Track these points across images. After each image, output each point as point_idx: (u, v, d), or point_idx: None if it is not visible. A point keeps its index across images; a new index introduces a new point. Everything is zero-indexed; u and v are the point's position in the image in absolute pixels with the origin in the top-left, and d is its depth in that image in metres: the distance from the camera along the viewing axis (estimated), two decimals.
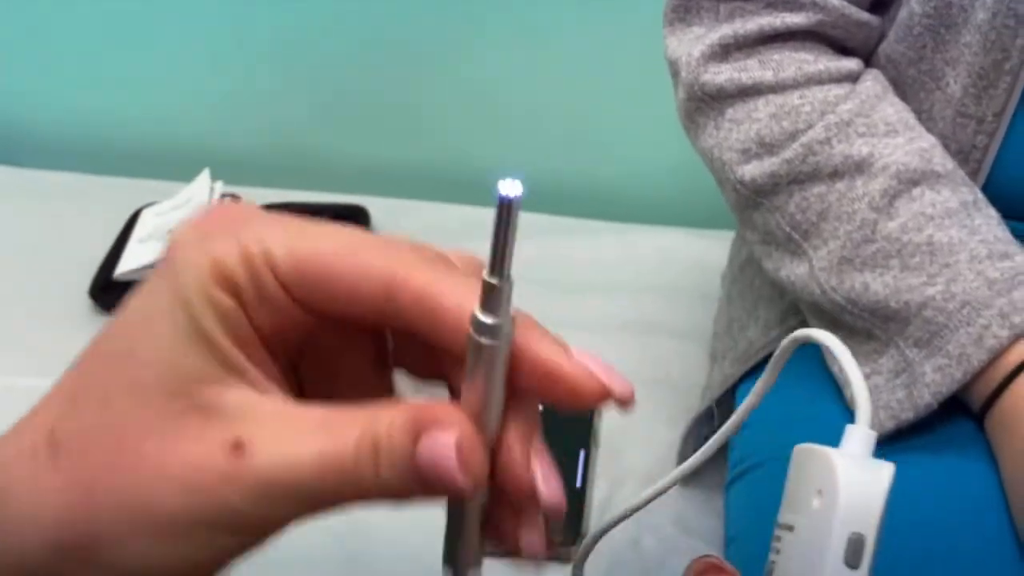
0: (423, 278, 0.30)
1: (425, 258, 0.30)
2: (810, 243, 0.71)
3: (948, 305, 0.65)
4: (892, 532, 0.64)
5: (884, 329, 0.69)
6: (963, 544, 0.64)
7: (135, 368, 0.29)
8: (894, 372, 0.68)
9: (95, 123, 1.42)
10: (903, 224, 0.68)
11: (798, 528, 0.25)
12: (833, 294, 0.70)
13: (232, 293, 0.29)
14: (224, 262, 0.29)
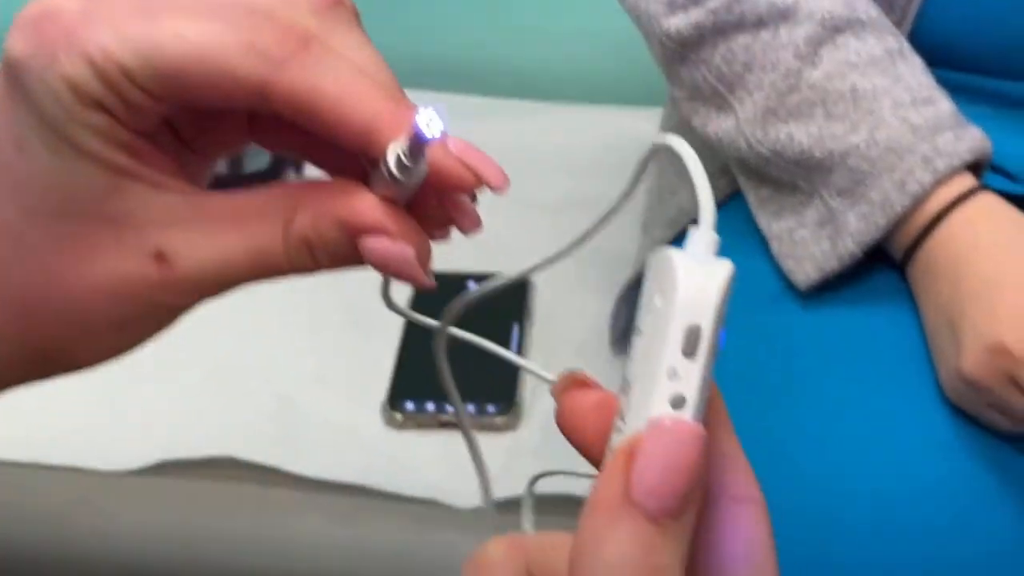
0: (298, 83, 0.29)
1: (293, 52, 0.29)
2: (735, 96, 0.71)
3: (871, 152, 0.65)
4: (817, 378, 0.66)
5: (808, 180, 0.69)
6: (887, 391, 0.65)
7: (27, 200, 0.30)
8: (819, 223, 0.68)
9: None
10: (827, 72, 0.67)
11: (644, 328, 0.26)
12: (759, 146, 0.70)
13: (99, 109, 0.29)
14: (80, 84, 0.28)
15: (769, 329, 0.70)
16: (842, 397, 0.65)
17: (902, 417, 0.64)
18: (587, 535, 0.25)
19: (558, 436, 0.87)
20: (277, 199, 0.30)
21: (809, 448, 0.63)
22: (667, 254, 0.27)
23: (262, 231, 0.30)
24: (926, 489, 0.61)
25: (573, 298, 0.97)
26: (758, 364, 0.69)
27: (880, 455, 0.62)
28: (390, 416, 0.86)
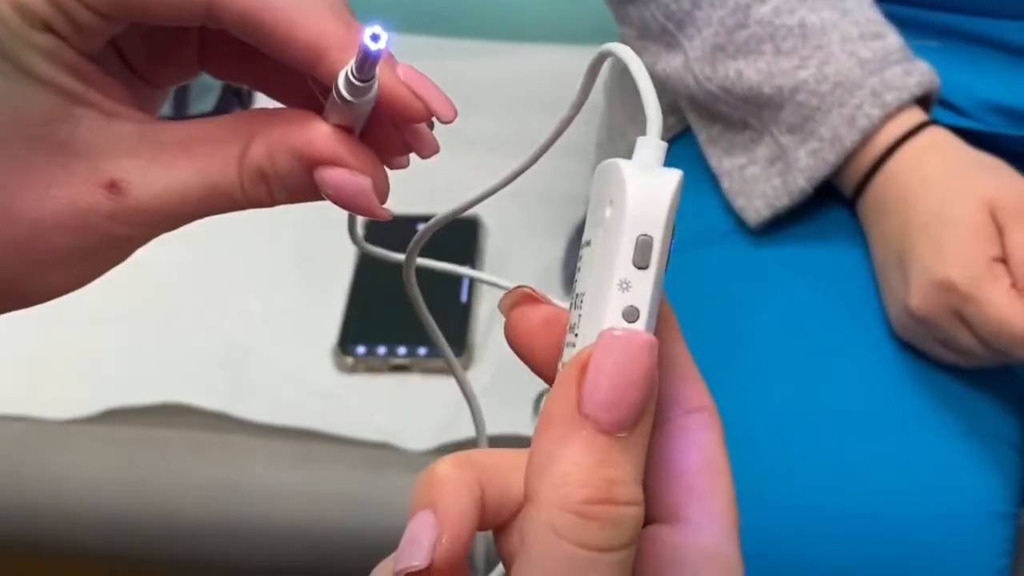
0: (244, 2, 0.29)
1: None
2: (684, 33, 0.70)
3: (820, 87, 0.65)
4: (768, 315, 0.66)
5: (759, 117, 0.68)
6: (836, 326, 0.65)
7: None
8: (769, 160, 0.68)
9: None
10: (776, 7, 0.67)
11: (594, 241, 0.26)
12: (708, 83, 0.69)
13: (46, 30, 0.28)
14: (27, 5, 0.28)
15: (719, 266, 0.70)
16: (791, 332, 0.66)
17: (851, 351, 0.64)
18: (541, 451, 0.25)
19: (510, 378, 0.88)
20: (232, 128, 0.30)
21: (758, 383, 0.64)
22: (615, 164, 0.26)
23: (216, 161, 0.30)
24: (873, 422, 0.62)
25: (524, 240, 0.97)
26: (708, 301, 0.69)
27: (828, 388, 0.63)
28: (341, 360, 0.86)
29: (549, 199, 1.01)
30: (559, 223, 0.97)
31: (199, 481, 0.80)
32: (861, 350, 0.64)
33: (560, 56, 1.19)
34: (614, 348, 0.25)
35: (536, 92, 1.14)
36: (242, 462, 0.81)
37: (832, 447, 0.61)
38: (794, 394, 0.63)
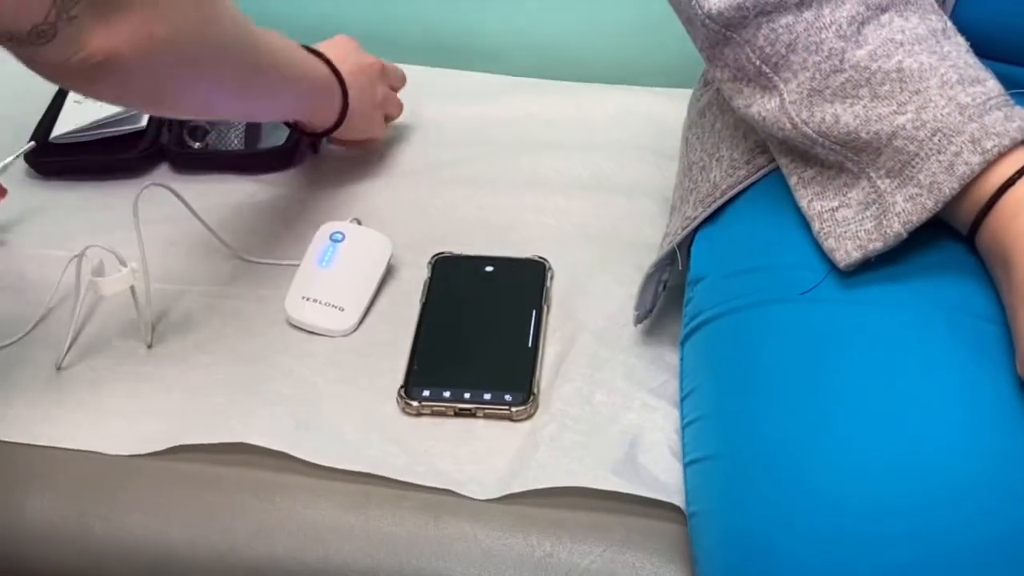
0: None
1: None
2: (780, 76, 0.69)
3: (919, 133, 0.64)
4: (864, 353, 0.64)
5: (856, 161, 0.67)
6: (948, 362, 0.63)
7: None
8: (864, 204, 0.67)
9: None
10: (872, 52, 0.66)
11: None
12: (804, 127, 0.68)
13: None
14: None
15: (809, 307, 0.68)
16: (891, 369, 0.63)
17: (968, 386, 0.62)
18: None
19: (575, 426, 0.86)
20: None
21: (856, 425, 0.62)
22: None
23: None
24: (997, 463, 0.59)
25: (591, 283, 0.95)
26: (799, 342, 0.67)
27: (951, 429, 0.60)
28: (405, 403, 0.85)
29: (617, 241, 1.00)
30: (627, 266, 0.96)
31: (261, 520, 0.80)
32: (980, 387, 0.61)
33: (628, 97, 1.18)
34: None
35: (603, 133, 1.13)
36: (304, 503, 0.80)
37: (948, 489, 0.58)
38: (912, 433, 0.60)
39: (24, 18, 0.62)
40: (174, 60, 0.72)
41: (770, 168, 0.76)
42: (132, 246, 0.89)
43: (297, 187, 1.08)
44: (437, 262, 0.97)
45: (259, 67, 0.84)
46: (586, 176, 1.08)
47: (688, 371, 0.78)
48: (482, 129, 1.14)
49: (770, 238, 0.74)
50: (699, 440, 0.73)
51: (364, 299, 0.94)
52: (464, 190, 1.05)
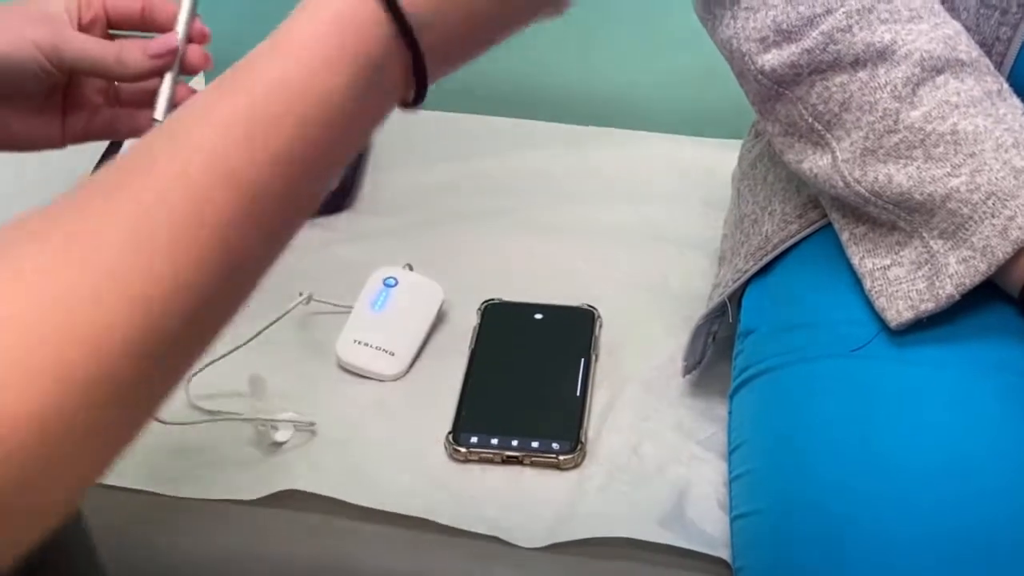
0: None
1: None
2: (833, 134, 0.69)
3: (973, 196, 0.64)
4: (915, 414, 0.63)
5: (909, 221, 0.67)
6: (1003, 419, 0.63)
7: (32, 6, 0.63)
8: (916, 264, 0.67)
9: None
10: (926, 113, 0.66)
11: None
12: (857, 186, 0.68)
13: (78, 5, 0.64)
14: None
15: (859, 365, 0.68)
16: (945, 427, 0.63)
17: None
18: None
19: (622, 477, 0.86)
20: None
21: (921, 484, 0.61)
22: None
23: (107, 45, 0.64)
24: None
25: (641, 333, 0.96)
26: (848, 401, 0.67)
27: (999, 490, 0.60)
28: (453, 449, 0.86)
29: (666, 291, 1.00)
30: (675, 316, 0.96)
31: (309, 564, 0.80)
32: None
33: (679, 147, 1.18)
34: None
35: (654, 183, 1.14)
36: (352, 547, 0.80)
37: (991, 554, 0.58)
38: (955, 490, 0.60)
39: None
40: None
41: (822, 223, 0.76)
42: None
43: (350, 230, 1.09)
44: (487, 309, 0.98)
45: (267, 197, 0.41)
46: (636, 225, 1.08)
47: (737, 424, 0.78)
48: (533, 177, 1.15)
49: (821, 294, 0.74)
50: (746, 494, 0.72)
51: (415, 344, 0.95)
52: (515, 238, 1.06)
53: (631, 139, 1.20)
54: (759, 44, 0.70)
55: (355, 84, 0.42)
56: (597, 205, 1.11)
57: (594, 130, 1.22)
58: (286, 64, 0.41)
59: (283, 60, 0.41)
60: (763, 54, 0.70)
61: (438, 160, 1.16)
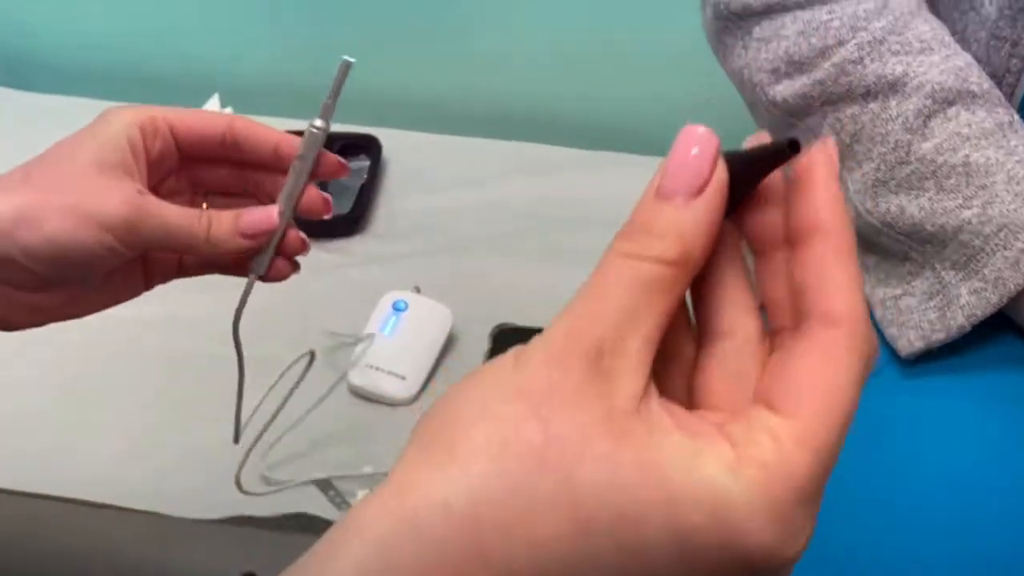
0: (247, 122, 0.56)
1: (241, 117, 0.55)
2: (844, 165, 0.70)
3: (984, 228, 0.64)
4: (929, 443, 0.63)
5: (921, 251, 0.67)
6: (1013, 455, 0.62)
7: (82, 154, 0.52)
8: (928, 294, 0.67)
9: (103, 47, 1.40)
10: (938, 145, 0.66)
11: None
12: (869, 216, 0.68)
13: (141, 132, 0.53)
14: (139, 114, 0.54)
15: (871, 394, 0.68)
16: (958, 461, 0.63)
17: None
18: None
19: None
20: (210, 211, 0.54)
21: (930, 515, 0.61)
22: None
23: (193, 211, 0.53)
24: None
25: None
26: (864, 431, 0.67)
27: (1009, 522, 0.60)
28: None
29: None
30: None
31: None
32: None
33: None
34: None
35: None
36: None
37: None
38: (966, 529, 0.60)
39: None
40: None
41: None
42: (200, 308, 0.91)
43: (363, 254, 1.10)
44: (498, 333, 0.98)
45: None
46: None
47: None
48: (545, 201, 1.15)
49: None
50: None
51: (425, 368, 0.96)
52: (525, 262, 1.07)
53: (643, 164, 1.21)
54: (771, 75, 0.70)
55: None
56: (609, 230, 1.10)
57: (606, 155, 1.22)
58: None
59: None
60: (775, 85, 0.70)
61: (450, 185, 1.17)
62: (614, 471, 0.28)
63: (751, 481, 0.28)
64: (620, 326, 0.30)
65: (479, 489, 0.29)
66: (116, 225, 0.51)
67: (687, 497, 0.28)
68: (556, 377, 0.29)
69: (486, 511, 0.28)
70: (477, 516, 0.28)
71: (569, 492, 0.28)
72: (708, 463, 0.28)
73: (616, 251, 0.31)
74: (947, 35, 0.69)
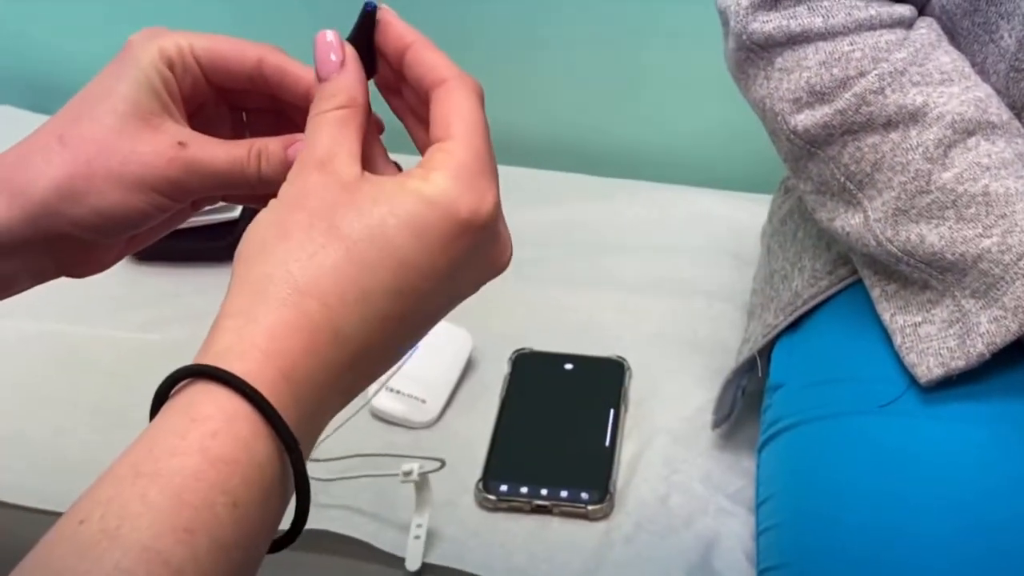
0: (278, 58, 0.52)
1: (276, 48, 0.52)
2: (865, 193, 0.70)
3: (1004, 257, 0.64)
4: (944, 470, 0.64)
5: (941, 280, 0.68)
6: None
7: (114, 103, 0.50)
8: (947, 322, 0.67)
9: None
10: (958, 175, 0.67)
11: None
12: (889, 245, 0.69)
13: (170, 68, 0.51)
14: (166, 49, 0.51)
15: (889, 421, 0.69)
16: (966, 491, 0.63)
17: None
18: None
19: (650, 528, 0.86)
20: (248, 140, 0.51)
21: (948, 542, 0.62)
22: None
23: (238, 147, 0.51)
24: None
25: (670, 385, 0.96)
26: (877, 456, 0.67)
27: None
28: (483, 497, 0.86)
29: (695, 344, 1.01)
30: (705, 369, 0.97)
31: None
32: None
33: (709, 201, 1.20)
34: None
35: (684, 236, 1.15)
36: None
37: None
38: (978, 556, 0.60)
39: None
40: None
41: (852, 280, 0.77)
42: None
43: None
44: (517, 358, 0.99)
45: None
46: (666, 278, 1.09)
47: (765, 478, 0.78)
48: (564, 228, 1.16)
49: (850, 350, 0.74)
50: (773, 548, 0.73)
51: (445, 392, 0.96)
52: (545, 288, 1.07)
53: (662, 192, 1.22)
54: (792, 104, 0.71)
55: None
56: (628, 257, 1.12)
57: (626, 183, 1.23)
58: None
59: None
60: (796, 114, 0.71)
61: None
62: (360, 209, 0.43)
63: (439, 177, 0.44)
64: (331, 147, 0.45)
65: (291, 259, 0.42)
66: (165, 186, 0.50)
67: (408, 200, 0.43)
68: (301, 182, 0.45)
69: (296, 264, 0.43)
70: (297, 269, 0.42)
71: (331, 231, 0.43)
72: (412, 180, 0.44)
73: (315, 113, 0.47)
74: (967, 67, 0.70)
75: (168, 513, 0.37)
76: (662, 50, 1.25)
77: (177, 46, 0.51)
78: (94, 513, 0.37)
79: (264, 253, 0.43)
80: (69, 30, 1.42)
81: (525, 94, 1.31)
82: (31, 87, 1.43)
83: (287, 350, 0.41)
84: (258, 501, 0.39)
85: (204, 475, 0.38)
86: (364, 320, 0.43)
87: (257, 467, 0.39)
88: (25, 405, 0.97)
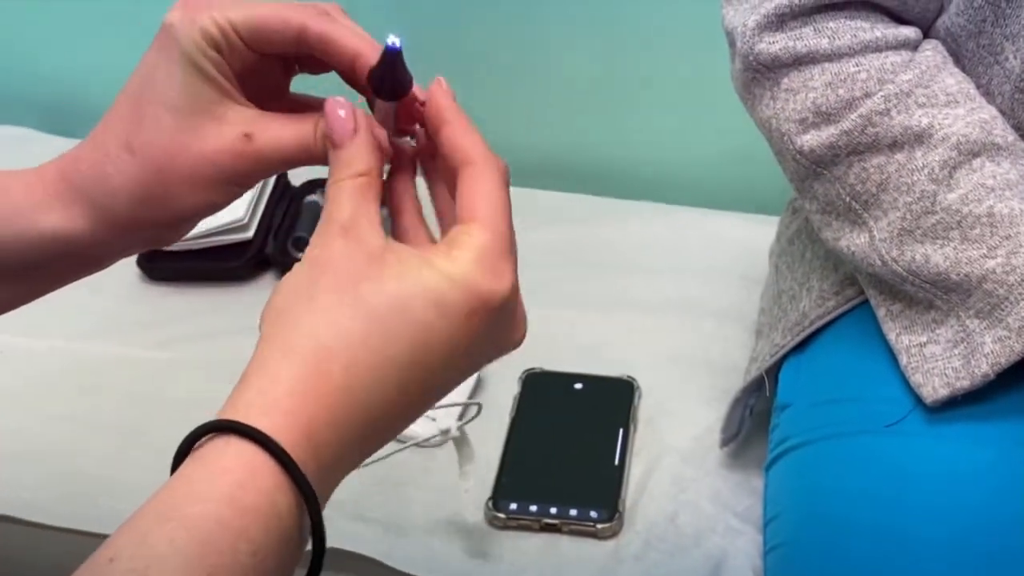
0: (321, 27, 0.50)
1: (321, 12, 0.51)
2: (870, 213, 0.71)
3: (1009, 278, 0.65)
4: (947, 488, 0.64)
5: (946, 300, 0.68)
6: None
7: (172, 99, 0.50)
8: (952, 342, 0.68)
9: None
10: (963, 196, 0.67)
11: None
12: (894, 265, 0.69)
13: (216, 50, 0.50)
14: (208, 30, 0.50)
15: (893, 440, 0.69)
16: (972, 511, 0.63)
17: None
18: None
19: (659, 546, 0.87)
20: (311, 115, 0.51)
21: (952, 562, 0.62)
22: None
23: (303, 128, 0.51)
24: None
25: (679, 404, 0.97)
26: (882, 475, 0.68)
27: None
28: (492, 515, 0.87)
29: (705, 364, 1.01)
30: (714, 389, 0.97)
31: None
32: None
33: (718, 222, 1.20)
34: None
35: (693, 256, 1.15)
36: None
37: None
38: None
39: None
40: None
41: (859, 300, 0.77)
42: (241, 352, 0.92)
43: None
44: (527, 378, 0.99)
45: None
46: (675, 298, 1.09)
47: (772, 497, 0.79)
48: (575, 248, 1.17)
49: (857, 370, 0.75)
50: (781, 567, 0.73)
51: (455, 410, 0.97)
52: (556, 309, 1.08)
53: (671, 213, 1.22)
54: (798, 125, 0.72)
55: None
56: (637, 277, 1.13)
57: (634, 204, 1.23)
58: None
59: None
60: (802, 135, 0.72)
61: None
62: (385, 282, 0.45)
63: (463, 257, 0.46)
64: (353, 214, 0.46)
65: (316, 322, 0.44)
66: (236, 178, 0.52)
67: (432, 277, 0.45)
68: (326, 248, 0.46)
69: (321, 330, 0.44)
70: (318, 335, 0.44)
71: (357, 300, 0.44)
72: (437, 258, 0.46)
73: (335, 180, 0.48)
74: (972, 88, 0.71)
75: (194, 558, 0.39)
76: (671, 73, 1.26)
77: (217, 25, 0.49)
78: (123, 552, 0.39)
79: (290, 315, 0.45)
80: (81, 51, 1.43)
81: (537, 116, 1.32)
82: (47, 110, 1.45)
83: (308, 410, 0.43)
84: (276, 549, 0.42)
85: (229, 523, 0.40)
86: (383, 387, 0.44)
87: (277, 517, 0.42)
88: (41, 423, 0.97)
